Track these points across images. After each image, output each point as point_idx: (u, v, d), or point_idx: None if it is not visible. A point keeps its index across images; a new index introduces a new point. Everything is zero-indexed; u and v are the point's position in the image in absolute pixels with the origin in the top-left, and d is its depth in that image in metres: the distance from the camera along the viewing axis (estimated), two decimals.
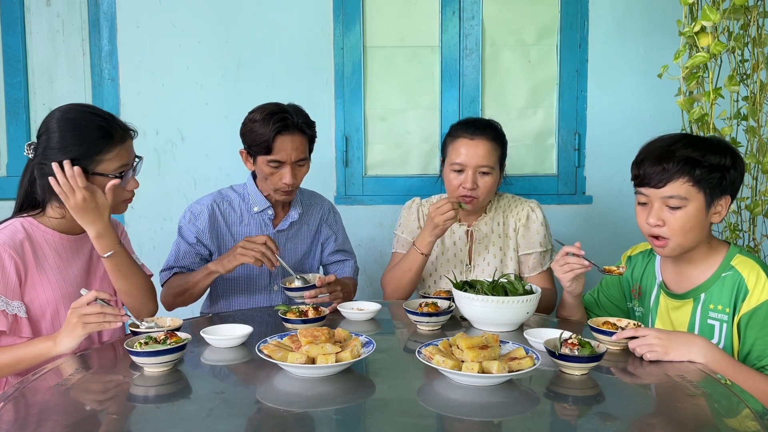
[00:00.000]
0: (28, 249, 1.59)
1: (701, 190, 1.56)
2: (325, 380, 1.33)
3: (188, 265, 2.11)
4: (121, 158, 1.64)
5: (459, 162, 2.08)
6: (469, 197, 2.08)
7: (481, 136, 2.09)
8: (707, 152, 1.56)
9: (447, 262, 2.21)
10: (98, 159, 1.60)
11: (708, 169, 1.55)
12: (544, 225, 2.19)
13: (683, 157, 1.55)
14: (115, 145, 1.62)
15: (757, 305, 1.53)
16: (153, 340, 1.42)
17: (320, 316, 1.69)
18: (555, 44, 2.81)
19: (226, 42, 2.79)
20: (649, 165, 1.59)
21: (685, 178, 1.55)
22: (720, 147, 1.59)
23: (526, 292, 1.70)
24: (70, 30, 2.87)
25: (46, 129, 1.61)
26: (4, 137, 2.90)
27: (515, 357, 1.35)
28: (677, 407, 1.24)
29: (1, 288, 1.52)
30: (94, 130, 1.60)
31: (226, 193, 2.18)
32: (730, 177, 1.57)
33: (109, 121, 1.64)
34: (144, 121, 2.78)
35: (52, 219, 1.66)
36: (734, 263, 1.60)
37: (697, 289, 1.64)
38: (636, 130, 2.77)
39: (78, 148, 1.58)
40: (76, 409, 1.24)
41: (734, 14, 1.94)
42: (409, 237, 2.25)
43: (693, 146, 1.57)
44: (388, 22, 2.82)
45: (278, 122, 1.97)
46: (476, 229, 2.20)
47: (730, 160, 1.57)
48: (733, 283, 1.58)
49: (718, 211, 1.60)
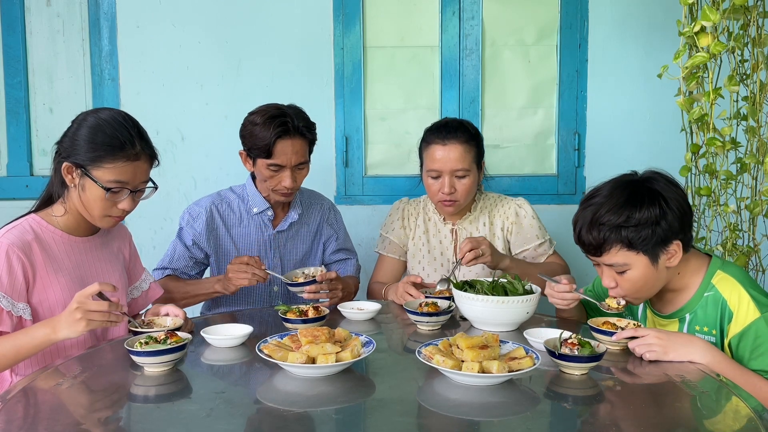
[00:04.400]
0: (37, 250, 1.57)
1: (639, 250, 1.51)
2: (325, 380, 1.33)
3: (181, 268, 2.11)
4: (121, 174, 1.58)
5: (434, 168, 2.09)
6: (448, 201, 2.09)
7: (452, 139, 2.09)
8: (632, 212, 1.49)
9: (434, 261, 2.22)
10: (98, 163, 1.57)
11: (636, 230, 1.49)
12: (536, 218, 2.21)
13: (609, 224, 1.50)
14: (119, 158, 1.57)
15: (745, 327, 1.49)
16: (153, 339, 1.42)
17: (320, 316, 1.70)
18: (555, 44, 2.81)
19: (226, 42, 2.79)
20: (583, 233, 1.55)
21: (617, 246, 1.51)
22: (645, 197, 1.50)
23: (526, 292, 1.70)
24: (70, 30, 2.87)
25: (76, 120, 1.62)
26: (4, 137, 2.90)
27: (515, 357, 1.35)
28: (677, 407, 1.24)
29: (8, 289, 1.51)
30: (109, 135, 1.57)
31: (225, 195, 2.18)
32: (663, 227, 1.49)
33: (129, 133, 1.60)
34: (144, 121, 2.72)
35: (58, 217, 1.64)
36: (715, 282, 1.56)
37: (681, 310, 1.61)
38: (636, 130, 2.77)
39: (86, 145, 1.57)
40: (76, 409, 1.24)
41: (734, 14, 1.94)
42: (391, 236, 2.27)
43: (618, 208, 1.50)
44: (388, 22, 2.82)
45: (279, 126, 1.97)
46: (460, 228, 2.20)
47: (657, 210, 1.49)
48: (715, 305, 1.54)
49: (671, 255, 1.53)
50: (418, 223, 2.26)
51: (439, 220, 2.23)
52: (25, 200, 2.83)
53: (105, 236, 1.75)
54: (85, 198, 1.60)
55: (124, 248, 1.83)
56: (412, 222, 2.27)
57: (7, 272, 1.51)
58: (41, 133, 2.91)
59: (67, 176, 1.59)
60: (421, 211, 2.27)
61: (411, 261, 2.27)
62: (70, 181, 1.60)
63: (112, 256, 1.76)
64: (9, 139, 2.89)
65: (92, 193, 1.59)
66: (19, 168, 2.89)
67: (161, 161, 1.73)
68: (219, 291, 1.99)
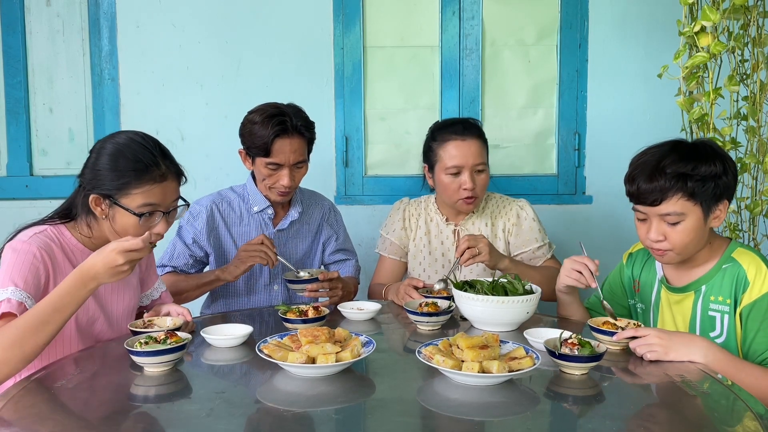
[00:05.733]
0: (59, 257, 1.56)
1: (697, 202, 1.55)
2: (325, 380, 1.33)
3: (181, 266, 2.12)
4: (150, 196, 1.54)
5: (455, 164, 2.08)
6: (471, 198, 2.08)
7: (470, 135, 2.10)
8: (698, 163, 1.55)
9: (435, 262, 2.22)
10: (125, 191, 1.53)
11: (701, 181, 1.54)
12: (537, 221, 2.20)
13: (674, 173, 1.54)
14: (146, 182, 1.53)
15: (758, 297, 1.54)
16: (153, 339, 1.42)
17: (320, 316, 1.69)
18: (555, 44, 2.81)
19: (226, 42, 2.79)
20: (642, 183, 1.58)
21: (679, 195, 1.55)
22: (709, 154, 1.57)
23: (526, 292, 1.70)
24: (70, 30, 2.87)
25: (94, 149, 1.59)
26: (4, 137, 2.90)
27: (515, 357, 1.35)
28: (677, 407, 1.24)
29: (33, 291, 1.48)
30: (131, 160, 1.53)
31: (226, 194, 2.18)
32: (723, 183, 1.56)
33: (152, 154, 1.55)
34: (144, 121, 2.78)
35: (82, 235, 1.62)
36: (735, 255, 1.62)
37: (697, 281, 1.65)
38: (636, 130, 2.77)
39: (109, 174, 1.53)
40: (77, 409, 1.24)
41: (734, 14, 1.94)
42: (391, 237, 2.26)
43: (683, 159, 1.56)
44: (388, 22, 2.82)
45: (277, 125, 1.97)
46: (463, 229, 2.20)
47: (720, 167, 1.56)
48: (733, 275, 1.59)
49: (717, 215, 1.60)
50: (419, 223, 2.25)
51: (441, 220, 2.23)
52: (25, 200, 2.87)
53: None
54: (117, 228, 1.56)
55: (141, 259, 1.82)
56: (413, 223, 2.27)
57: (34, 275, 1.49)
58: (41, 133, 2.91)
59: (96, 209, 1.56)
60: (423, 212, 2.27)
61: (412, 262, 2.26)
62: (100, 213, 1.56)
63: None
64: (9, 139, 2.89)
65: (125, 222, 1.55)
66: (19, 168, 2.89)
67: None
68: (220, 277, 2.01)
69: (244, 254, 1.97)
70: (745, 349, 1.56)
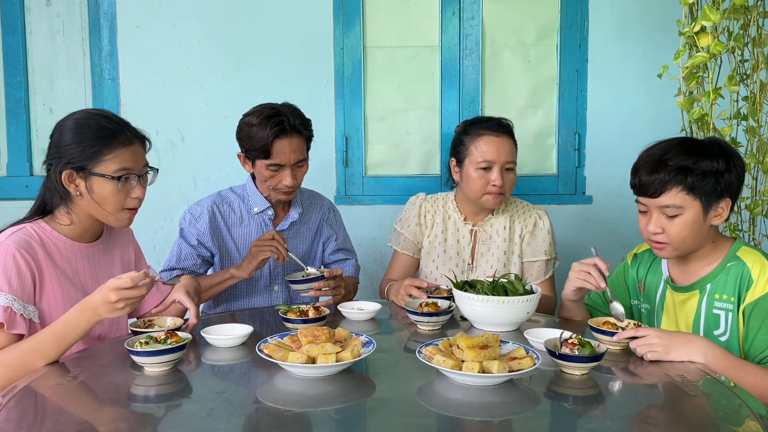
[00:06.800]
0: (41, 254, 1.55)
1: (697, 197, 1.57)
2: (325, 380, 1.33)
3: (189, 267, 2.11)
4: (123, 161, 1.58)
5: (488, 159, 2.06)
6: (498, 193, 2.07)
7: (504, 132, 2.09)
8: (700, 158, 1.56)
9: (449, 260, 2.20)
10: (98, 159, 1.56)
11: (701, 176, 1.55)
12: (551, 233, 2.19)
13: (675, 166, 1.56)
14: (117, 146, 1.57)
15: (761, 296, 1.54)
16: (153, 339, 1.42)
17: (320, 316, 1.69)
18: (555, 44, 2.81)
19: (226, 42, 2.79)
20: (644, 174, 1.61)
21: (678, 187, 1.57)
22: (715, 151, 1.58)
23: (526, 292, 1.70)
24: (70, 30, 2.87)
25: (55, 130, 1.61)
26: (4, 137, 2.90)
27: (515, 357, 1.35)
28: (677, 407, 1.24)
29: (18, 292, 1.48)
30: (95, 129, 1.57)
31: (226, 195, 2.18)
32: (725, 180, 1.57)
33: (114, 122, 1.61)
34: (144, 121, 2.73)
35: (62, 225, 1.62)
36: (740, 254, 1.62)
37: (702, 280, 1.65)
38: (636, 130, 2.77)
39: (77, 146, 1.55)
40: (77, 408, 1.24)
41: (734, 14, 1.94)
42: (405, 233, 2.25)
43: (686, 153, 1.57)
44: (388, 22, 2.82)
45: (275, 126, 1.97)
46: (480, 230, 2.19)
47: (723, 164, 1.57)
48: (737, 273, 1.60)
49: (719, 213, 1.60)
50: (436, 221, 2.23)
51: (459, 219, 2.21)
52: (25, 200, 2.86)
53: (107, 242, 1.74)
54: (97, 198, 1.58)
55: (128, 251, 1.81)
56: (429, 219, 2.24)
57: (16, 275, 1.48)
58: (41, 133, 2.91)
59: (70, 185, 1.57)
60: (440, 209, 2.24)
61: (425, 259, 2.24)
62: (74, 190, 1.57)
63: (113, 263, 1.75)
64: (9, 139, 2.89)
65: (103, 190, 1.57)
66: (19, 168, 2.89)
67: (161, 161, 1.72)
68: (234, 274, 2.01)
69: (255, 249, 1.97)
70: (747, 347, 1.57)
